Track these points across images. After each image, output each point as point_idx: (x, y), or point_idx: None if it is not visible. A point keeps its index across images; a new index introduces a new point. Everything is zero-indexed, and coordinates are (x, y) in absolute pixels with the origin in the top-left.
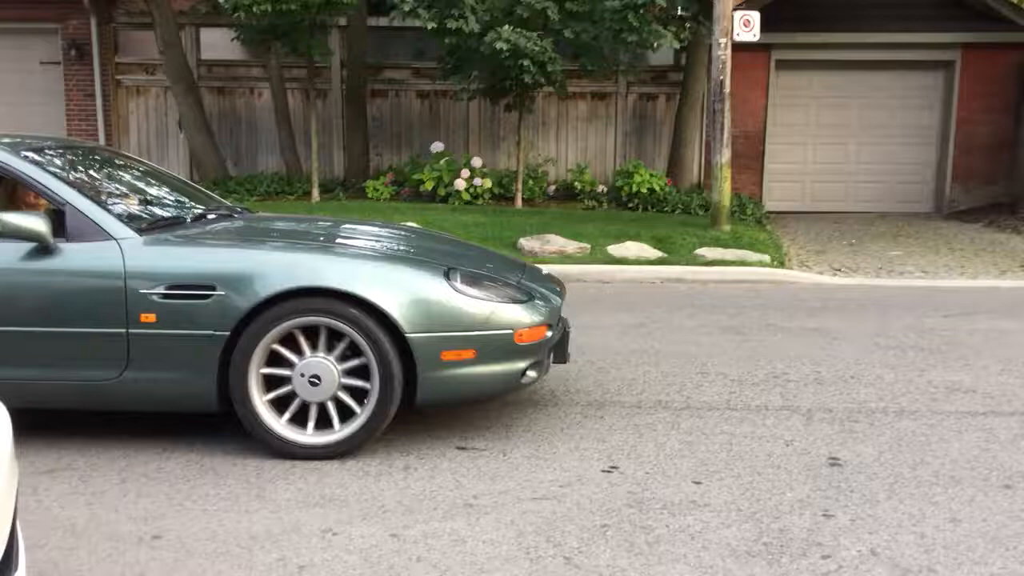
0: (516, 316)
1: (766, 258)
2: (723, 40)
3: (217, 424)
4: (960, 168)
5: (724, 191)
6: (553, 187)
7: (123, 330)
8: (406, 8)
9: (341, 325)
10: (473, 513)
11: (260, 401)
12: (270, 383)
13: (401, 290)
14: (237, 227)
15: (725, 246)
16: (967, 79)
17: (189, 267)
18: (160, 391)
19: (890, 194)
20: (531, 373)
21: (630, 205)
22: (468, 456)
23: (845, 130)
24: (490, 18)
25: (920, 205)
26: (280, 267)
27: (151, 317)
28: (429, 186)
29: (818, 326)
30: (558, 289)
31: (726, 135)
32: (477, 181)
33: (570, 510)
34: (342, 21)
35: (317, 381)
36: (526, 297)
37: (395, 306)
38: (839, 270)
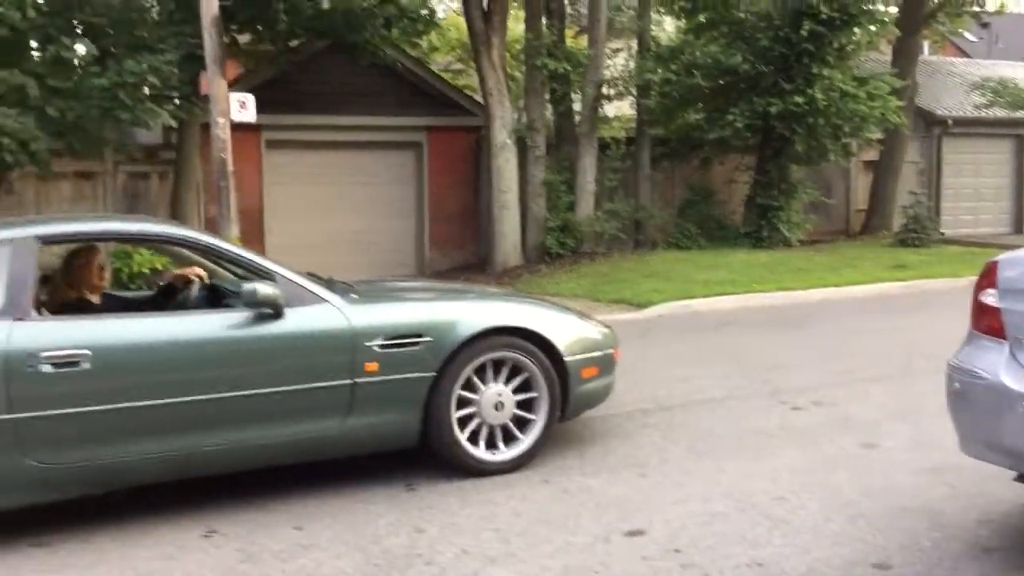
0: (612, 339)
1: None
2: (222, 120)
3: None
4: (435, 235)
5: None
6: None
7: (349, 381)
8: None
9: (517, 356)
10: None
11: (457, 429)
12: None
13: (554, 324)
14: (403, 286)
15: None
16: (434, 158)
17: (401, 320)
18: (376, 433)
19: (381, 261)
20: None
21: (131, 286)
22: (49, 551)
23: (336, 204)
24: None
25: (406, 269)
26: (472, 313)
27: (374, 366)
28: None
29: None
30: None
31: (232, 212)
32: None
33: (180, 572)
34: None
35: (501, 407)
36: (608, 326)
37: (556, 336)
38: None
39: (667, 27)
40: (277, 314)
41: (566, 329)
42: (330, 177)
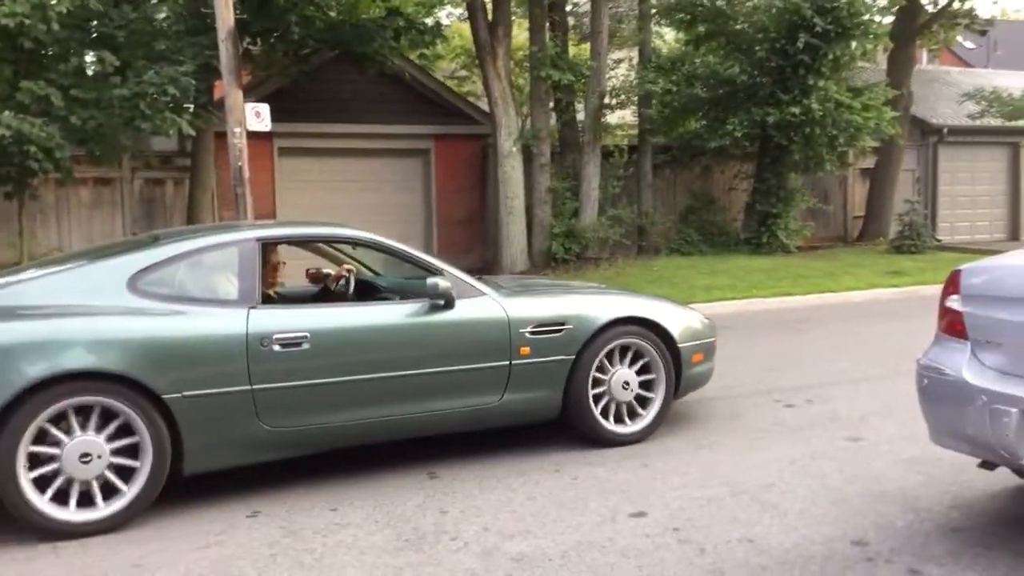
0: (713, 329)
1: None
2: (238, 129)
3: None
4: (443, 240)
5: None
6: None
7: (507, 362)
8: None
9: (640, 342)
10: (144, 571)
11: (593, 405)
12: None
13: (669, 315)
14: (533, 283)
15: None
16: (441, 165)
17: (547, 311)
18: (526, 407)
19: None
20: None
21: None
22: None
23: (346, 210)
24: None
25: None
26: (603, 306)
27: (527, 350)
28: None
29: None
30: None
31: (250, 216)
32: None
33: (235, 550)
34: None
35: (627, 386)
36: (708, 318)
37: (672, 326)
38: None
39: (667, 38)
40: (449, 305)
41: (679, 319)
42: (340, 183)
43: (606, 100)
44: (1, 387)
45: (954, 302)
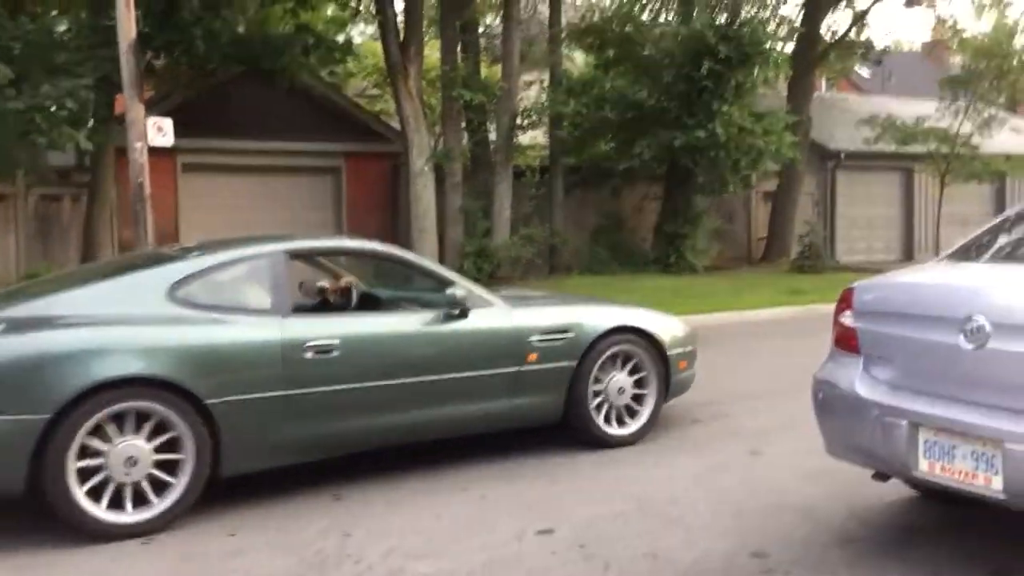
0: (694, 337)
1: None
2: (139, 144)
3: None
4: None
5: None
6: None
7: (517, 368)
8: None
9: (634, 349)
10: None
11: (593, 408)
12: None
13: (659, 324)
14: (530, 294)
15: None
16: (352, 183)
17: (552, 320)
18: (532, 410)
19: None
20: None
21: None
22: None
23: (253, 228)
24: None
25: None
26: (601, 315)
27: (534, 356)
28: None
29: None
30: None
31: (151, 235)
32: None
33: (127, 573)
34: None
35: (622, 391)
36: (690, 327)
37: (662, 334)
38: None
39: (578, 61)
40: (464, 314)
41: (668, 328)
42: (248, 201)
43: (517, 121)
44: (54, 393)
45: (847, 318)
